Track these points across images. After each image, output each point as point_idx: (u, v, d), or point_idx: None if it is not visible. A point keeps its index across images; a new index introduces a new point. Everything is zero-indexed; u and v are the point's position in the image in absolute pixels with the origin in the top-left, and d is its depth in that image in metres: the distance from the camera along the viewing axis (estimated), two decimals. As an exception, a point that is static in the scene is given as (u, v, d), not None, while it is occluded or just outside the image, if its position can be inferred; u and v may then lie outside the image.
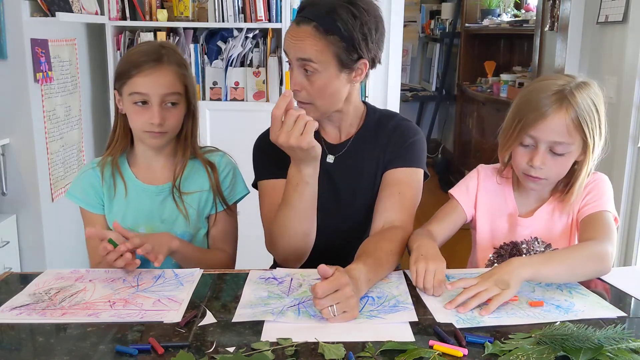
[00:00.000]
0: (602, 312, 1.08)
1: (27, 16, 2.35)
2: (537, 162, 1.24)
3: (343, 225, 1.46)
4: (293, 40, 1.30)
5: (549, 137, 1.23)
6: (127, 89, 1.37)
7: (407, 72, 6.42)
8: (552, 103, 1.22)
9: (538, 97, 1.24)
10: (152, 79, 1.36)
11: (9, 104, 2.39)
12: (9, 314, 1.07)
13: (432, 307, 1.10)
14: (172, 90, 1.38)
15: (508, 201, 1.39)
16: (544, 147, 1.24)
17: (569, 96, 1.21)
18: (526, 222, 1.36)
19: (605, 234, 1.23)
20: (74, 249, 2.81)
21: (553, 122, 1.22)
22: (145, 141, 1.42)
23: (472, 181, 1.43)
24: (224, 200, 1.50)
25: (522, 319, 1.05)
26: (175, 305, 1.11)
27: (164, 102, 1.38)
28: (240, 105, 3.02)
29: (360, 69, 1.34)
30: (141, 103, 1.36)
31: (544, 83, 1.27)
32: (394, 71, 3.16)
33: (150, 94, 1.36)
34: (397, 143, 1.42)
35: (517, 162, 1.30)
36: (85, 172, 1.47)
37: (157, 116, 1.36)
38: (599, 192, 1.32)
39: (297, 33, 1.29)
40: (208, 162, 1.50)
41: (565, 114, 1.21)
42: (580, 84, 1.24)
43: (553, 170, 1.27)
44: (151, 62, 1.37)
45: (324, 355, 0.91)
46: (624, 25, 2.57)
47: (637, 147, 2.54)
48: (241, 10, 2.91)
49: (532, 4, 4.85)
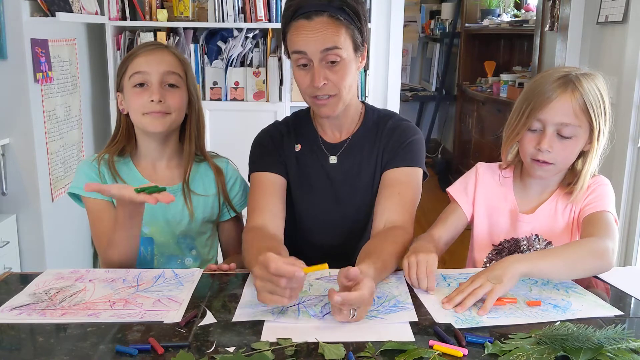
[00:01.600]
0: (600, 311, 1.08)
1: (27, 16, 2.35)
2: (545, 144, 1.25)
3: (342, 223, 1.47)
4: (311, 35, 1.29)
5: (555, 119, 1.24)
6: (128, 73, 1.38)
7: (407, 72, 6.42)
8: (558, 87, 1.24)
9: (544, 83, 1.26)
10: (151, 58, 1.38)
11: (9, 104, 2.39)
12: (9, 314, 1.07)
13: (430, 308, 1.10)
14: (172, 69, 1.39)
15: (508, 198, 1.39)
16: (552, 130, 1.26)
17: (575, 80, 1.24)
18: (527, 219, 1.37)
19: (606, 231, 1.24)
20: (74, 249, 2.82)
21: (559, 104, 1.24)
22: (145, 126, 1.38)
23: (471, 179, 1.43)
24: (233, 207, 1.51)
25: (521, 318, 1.05)
26: (175, 305, 1.11)
27: (164, 83, 1.38)
28: (240, 105, 3.02)
29: (363, 53, 1.37)
30: (140, 86, 1.37)
31: (549, 72, 1.30)
32: (394, 71, 3.16)
33: (149, 71, 1.36)
34: (396, 142, 1.42)
35: (525, 148, 1.30)
36: (82, 166, 1.44)
37: (156, 92, 1.36)
38: (602, 194, 1.32)
39: (312, 27, 1.29)
40: (215, 166, 1.50)
41: (572, 96, 1.23)
42: (586, 72, 1.27)
43: (560, 154, 1.27)
44: (152, 45, 1.41)
45: (324, 355, 0.91)
46: (624, 25, 2.57)
47: (637, 147, 2.54)
48: (241, 10, 2.91)
49: (532, 4, 4.85)
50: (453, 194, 1.43)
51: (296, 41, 1.31)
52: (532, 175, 1.35)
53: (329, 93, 1.33)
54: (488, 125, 4.54)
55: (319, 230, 1.48)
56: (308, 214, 1.47)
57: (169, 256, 1.47)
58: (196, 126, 1.47)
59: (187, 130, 1.46)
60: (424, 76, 6.46)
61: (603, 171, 1.38)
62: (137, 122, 1.40)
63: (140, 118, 1.38)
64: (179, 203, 1.45)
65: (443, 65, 5.75)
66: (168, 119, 1.39)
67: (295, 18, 1.30)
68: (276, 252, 1.19)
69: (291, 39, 1.32)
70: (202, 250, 1.52)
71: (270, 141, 1.47)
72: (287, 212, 1.42)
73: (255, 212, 1.37)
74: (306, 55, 1.31)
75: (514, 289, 1.16)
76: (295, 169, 1.45)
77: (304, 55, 1.31)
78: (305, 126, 1.48)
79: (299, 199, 1.46)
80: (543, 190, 1.38)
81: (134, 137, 1.45)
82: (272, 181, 1.41)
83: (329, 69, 1.31)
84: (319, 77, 1.30)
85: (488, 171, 1.43)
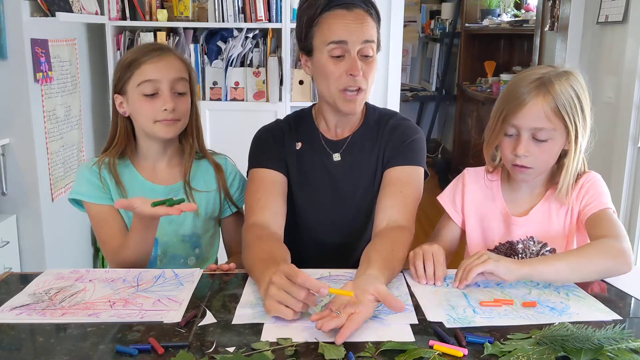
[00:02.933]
0: (597, 315, 1.07)
1: (27, 16, 2.35)
2: (521, 150, 1.25)
3: (343, 221, 1.47)
4: (353, 24, 1.29)
5: (529, 124, 1.24)
6: (135, 80, 1.37)
7: (407, 72, 6.42)
8: (531, 90, 1.23)
9: (518, 86, 1.26)
10: (161, 65, 1.37)
11: (9, 104, 2.39)
12: (9, 314, 1.07)
13: (424, 306, 1.09)
14: (181, 75, 1.39)
15: (497, 202, 1.39)
16: (527, 135, 1.25)
17: (547, 83, 1.23)
18: (521, 221, 1.36)
19: (614, 229, 1.24)
20: (74, 249, 2.82)
21: (531, 109, 1.23)
22: (157, 133, 1.39)
23: (458, 187, 1.43)
24: (234, 203, 1.51)
25: (515, 320, 1.04)
26: (175, 305, 1.11)
27: (174, 90, 1.38)
28: (240, 105, 3.02)
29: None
30: (150, 93, 1.36)
31: (525, 74, 1.29)
32: (394, 71, 3.15)
33: (161, 79, 1.36)
34: (397, 141, 1.43)
35: (504, 154, 1.31)
36: (82, 171, 1.44)
37: (169, 101, 1.36)
38: (597, 191, 1.32)
39: (353, 17, 1.30)
40: (215, 162, 1.51)
41: (543, 101, 1.22)
42: (561, 72, 1.26)
43: (539, 158, 1.27)
44: (157, 50, 1.39)
45: (324, 355, 0.91)
46: (624, 25, 2.57)
47: (637, 147, 2.54)
48: (241, 10, 2.91)
49: (532, 4, 4.85)
50: (443, 203, 1.44)
51: (335, 30, 1.30)
52: (514, 178, 1.35)
53: (360, 85, 1.33)
54: (488, 126, 4.54)
55: (320, 228, 1.47)
56: (309, 212, 1.47)
57: (173, 256, 1.47)
58: (195, 124, 1.48)
59: (188, 129, 1.46)
60: (424, 76, 6.46)
61: (603, 171, 1.38)
62: (146, 128, 1.40)
63: (151, 125, 1.39)
64: None
65: (443, 65, 5.75)
66: (179, 125, 1.41)
67: (331, 8, 1.30)
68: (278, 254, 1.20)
69: (327, 28, 1.31)
70: (206, 248, 1.52)
71: (271, 138, 1.46)
72: (287, 210, 1.42)
73: (255, 209, 1.36)
74: (345, 45, 1.30)
75: (512, 290, 1.17)
76: (296, 167, 1.45)
77: (341, 45, 1.30)
78: (306, 124, 1.48)
79: (299, 197, 1.46)
80: (532, 192, 1.37)
81: (133, 138, 1.45)
82: (273, 179, 1.41)
83: (364, 62, 1.32)
84: (357, 66, 1.30)
85: (475, 176, 1.42)
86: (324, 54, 1.32)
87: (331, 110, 1.41)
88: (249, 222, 1.36)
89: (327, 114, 1.44)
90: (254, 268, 1.19)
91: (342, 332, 0.94)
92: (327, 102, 1.39)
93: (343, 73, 1.31)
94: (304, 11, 1.35)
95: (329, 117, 1.44)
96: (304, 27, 1.35)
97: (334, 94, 1.35)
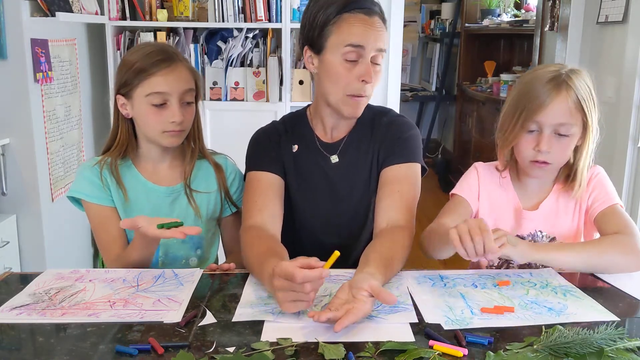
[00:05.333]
0: (595, 316, 1.06)
1: (27, 16, 2.35)
2: (544, 146, 1.26)
3: (342, 222, 1.46)
4: (371, 30, 1.29)
5: (553, 121, 1.26)
6: (143, 90, 1.35)
7: (407, 72, 6.42)
8: (552, 89, 1.25)
9: (536, 86, 1.27)
10: (171, 77, 1.36)
11: (9, 104, 2.39)
12: (9, 314, 1.07)
13: (422, 307, 1.09)
14: (189, 87, 1.39)
15: (510, 197, 1.40)
16: (549, 131, 1.27)
17: (567, 80, 1.26)
18: (532, 215, 1.37)
19: (626, 226, 1.27)
20: (74, 249, 2.82)
21: (556, 107, 1.25)
22: (162, 142, 1.40)
23: (473, 178, 1.43)
24: (234, 203, 1.51)
25: (512, 321, 1.04)
26: (175, 305, 1.11)
27: (182, 100, 1.38)
28: (240, 105, 3.02)
29: None
30: (158, 104, 1.36)
31: (537, 73, 1.31)
32: (394, 71, 3.15)
33: (170, 92, 1.35)
34: (392, 138, 1.42)
35: (523, 150, 1.31)
36: (84, 170, 1.44)
37: (178, 114, 1.36)
38: (604, 187, 1.35)
39: (372, 23, 1.30)
40: (215, 162, 1.51)
41: (567, 96, 1.25)
42: (573, 69, 1.29)
43: (558, 153, 1.29)
44: (167, 60, 1.36)
45: (324, 355, 0.91)
46: (624, 25, 2.57)
47: (637, 147, 2.54)
48: (241, 10, 2.91)
49: (532, 4, 4.85)
50: (458, 193, 1.41)
51: (355, 33, 1.29)
52: (530, 175, 1.36)
53: (368, 95, 1.35)
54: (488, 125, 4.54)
55: (319, 230, 1.47)
56: (307, 214, 1.47)
57: (174, 257, 1.48)
58: (197, 126, 1.48)
59: (190, 132, 1.46)
60: (424, 76, 6.46)
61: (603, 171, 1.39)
62: (152, 137, 1.40)
63: (158, 135, 1.38)
64: (182, 202, 1.45)
65: (443, 65, 5.75)
66: (183, 134, 1.42)
67: (351, 10, 1.29)
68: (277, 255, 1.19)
69: (347, 30, 1.29)
70: (207, 248, 1.53)
71: (268, 140, 1.46)
72: (285, 211, 1.42)
73: (253, 211, 1.36)
74: (362, 50, 1.30)
75: (511, 291, 1.17)
76: (293, 169, 1.45)
77: (358, 50, 1.30)
78: (301, 127, 1.48)
79: (297, 199, 1.46)
80: (541, 188, 1.39)
81: (134, 139, 1.45)
82: (271, 181, 1.41)
83: (373, 69, 1.33)
84: (371, 73, 1.31)
85: (487, 171, 1.43)
86: (337, 56, 1.31)
87: (331, 112, 1.41)
88: (247, 224, 1.36)
89: (325, 115, 1.43)
90: (255, 262, 1.19)
91: (341, 321, 0.96)
92: (328, 104, 1.39)
93: (354, 79, 1.31)
94: (320, 7, 1.32)
95: (327, 118, 1.43)
96: (318, 24, 1.32)
97: (339, 97, 1.34)
